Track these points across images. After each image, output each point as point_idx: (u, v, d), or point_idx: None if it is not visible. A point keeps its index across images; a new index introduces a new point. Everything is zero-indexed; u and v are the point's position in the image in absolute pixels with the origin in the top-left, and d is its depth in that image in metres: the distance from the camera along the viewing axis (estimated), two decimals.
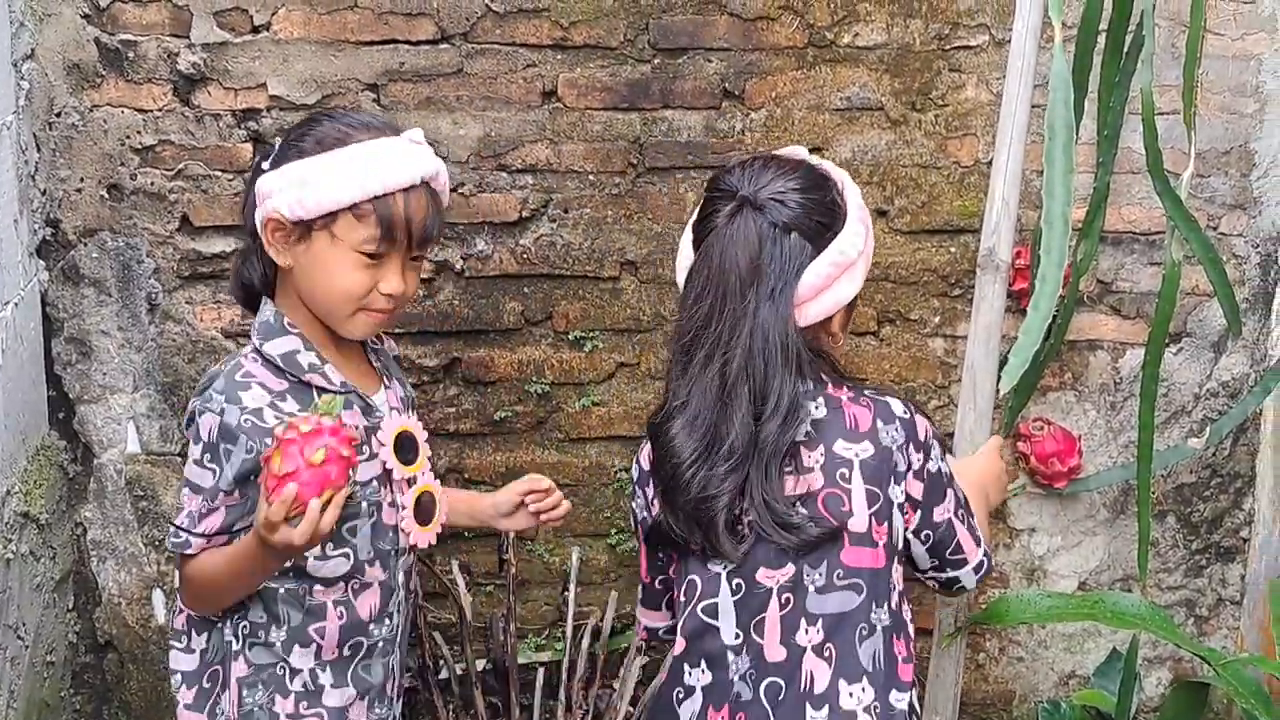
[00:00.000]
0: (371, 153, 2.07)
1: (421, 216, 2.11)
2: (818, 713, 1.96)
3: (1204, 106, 2.95)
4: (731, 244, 1.99)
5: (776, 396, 1.95)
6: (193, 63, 2.85)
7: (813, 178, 2.06)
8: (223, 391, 2.06)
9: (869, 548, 1.99)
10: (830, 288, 2.02)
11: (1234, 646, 3.24)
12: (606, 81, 2.91)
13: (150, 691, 3.14)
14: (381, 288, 2.11)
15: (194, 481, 2.08)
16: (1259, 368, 3.08)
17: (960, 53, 2.93)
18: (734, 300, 1.98)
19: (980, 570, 2.16)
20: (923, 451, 2.04)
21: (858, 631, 1.98)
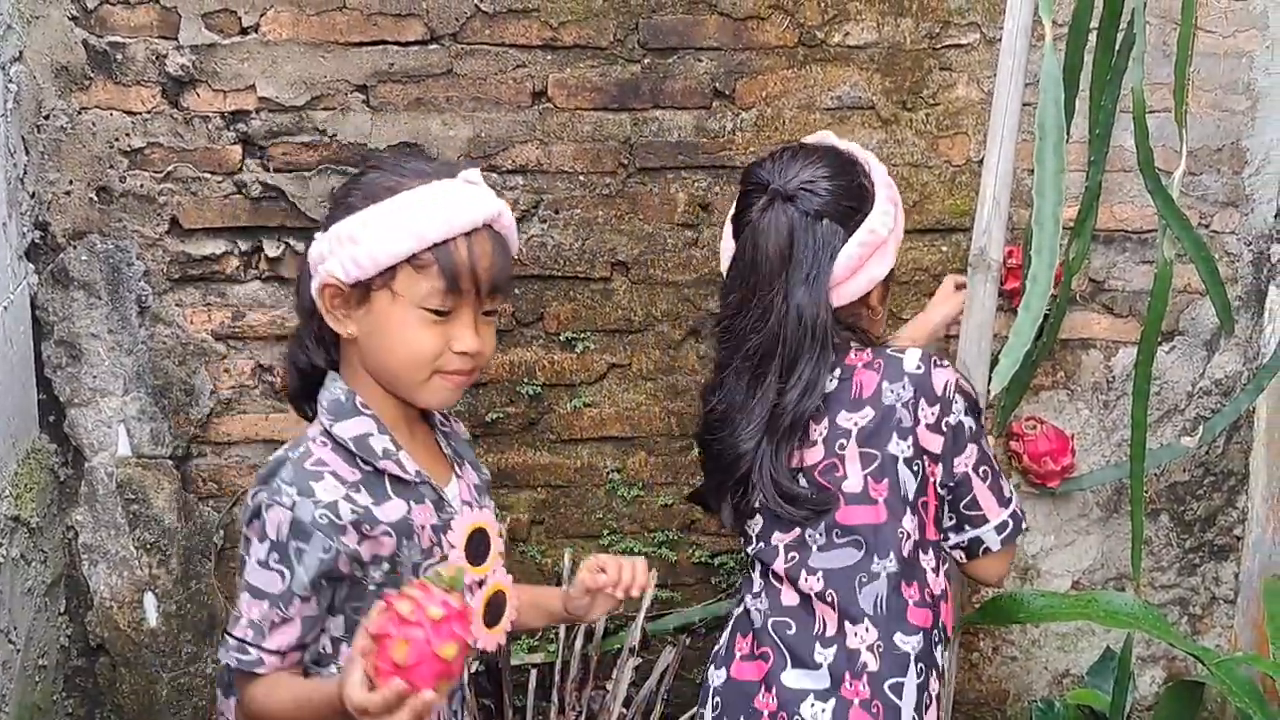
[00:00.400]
0: (425, 198, 1.84)
1: (487, 262, 1.86)
2: (826, 650, 2.10)
3: (1195, 104, 2.94)
4: (764, 235, 2.11)
5: (800, 372, 2.08)
6: (181, 65, 2.84)
7: (839, 163, 2.15)
8: (293, 483, 1.81)
9: (867, 505, 2.10)
10: (864, 267, 2.12)
11: (1228, 645, 3.24)
12: (596, 82, 2.90)
13: (142, 695, 3.13)
14: (454, 346, 1.87)
15: (258, 586, 1.79)
16: (1252, 366, 3.08)
17: (951, 51, 2.92)
18: (765, 287, 2.11)
19: (1004, 531, 2.15)
20: (939, 405, 2.08)
21: (857, 579, 2.10)
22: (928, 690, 2.13)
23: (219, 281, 2.96)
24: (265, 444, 3.04)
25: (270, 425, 3.03)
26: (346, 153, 2.89)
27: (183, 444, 3.02)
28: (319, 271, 1.87)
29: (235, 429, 3.03)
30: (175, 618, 3.11)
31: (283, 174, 2.90)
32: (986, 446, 2.14)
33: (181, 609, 3.10)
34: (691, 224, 2.97)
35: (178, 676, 3.13)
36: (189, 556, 3.08)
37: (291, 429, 2.98)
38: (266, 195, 2.91)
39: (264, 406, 3.02)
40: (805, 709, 2.09)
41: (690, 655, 3.14)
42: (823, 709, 2.08)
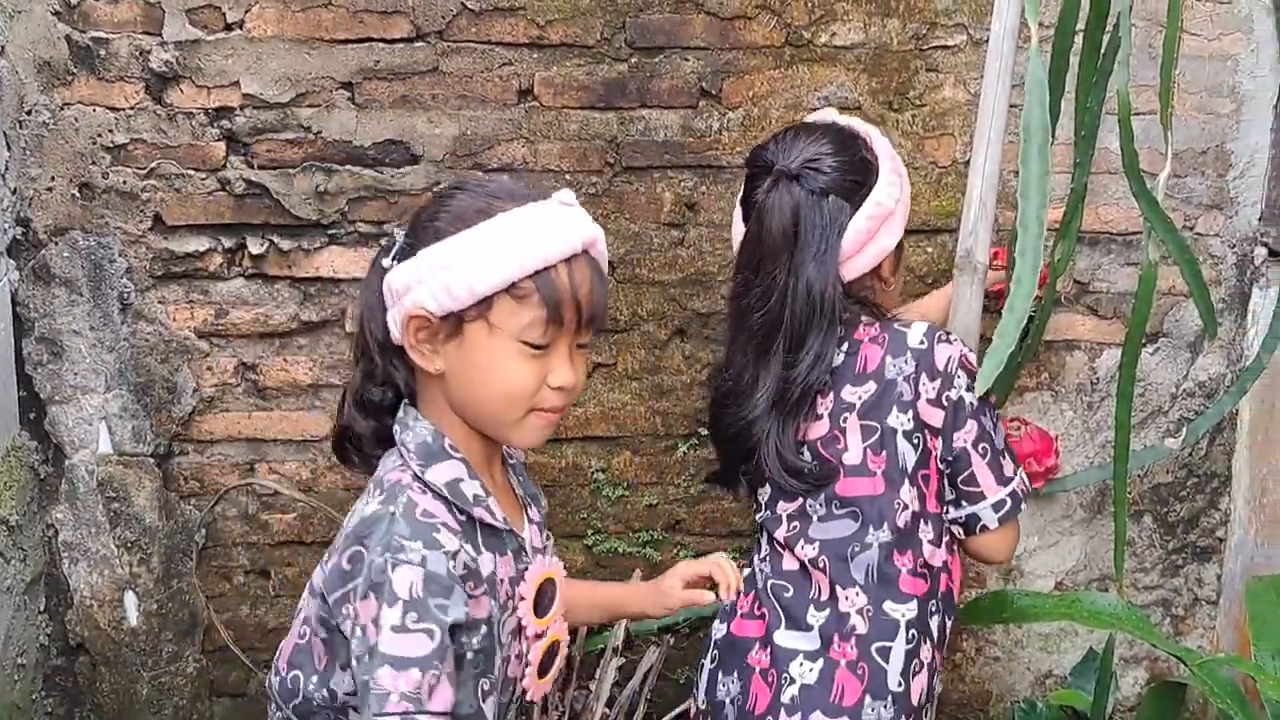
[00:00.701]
0: (523, 222, 1.69)
1: (588, 289, 1.73)
2: (819, 613, 2.17)
3: (1181, 107, 2.95)
4: (769, 215, 2.15)
5: (809, 346, 2.14)
6: (165, 61, 2.82)
7: (842, 139, 2.19)
8: (414, 536, 1.64)
9: (865, 477, 2.15)
10: (873, 240, 2.17)
11: (1210, 646, 3.25)
12: (583, 80, 2.90)
13: (122, 694, 3.11)
14: (551, 380, 1.74)
15: (399, 655, 1.59)
16: (1235, 368, 3.09)
17: (938, 52, 2.92)
18: (769, 264, 2.16)
19: (1002, 509, 2.17)
20: (941, 379, 2.12)
21: (850, 549, 2.16)
22: (918, 657, 2.17)
23: (202, 279, 2.94)
24: (248, 442, 3.02)
25: (253, 424, 3.01)
26: (331, 150, 2.88)
27: (164, 442, 3.01)
28: (403, 302, 1.71)
29: (217, 427, 3.02)
30: (156, 617, 3.09)
31: (267, 171, 2.89)
32: (988, 424, 2.16)
33: (162, 608, 3.09)
34: (678, 224, 2.97)
35: (158, 675, 3.12)
36: (170, 555, 3.06)
37: (274, 428, 2.99)
38: (250, 192, 2.89)
39: (246, 405, 3.01)
40: (794, 667, 2.16)
41: (674, 655, 3.14)
42: (811, 668, 2.15)
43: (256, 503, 3.07)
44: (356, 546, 1.66)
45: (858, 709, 2.12)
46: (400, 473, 1.74)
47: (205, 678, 3.16)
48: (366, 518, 1.68)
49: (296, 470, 3.05)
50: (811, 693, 2.14)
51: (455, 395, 1.76)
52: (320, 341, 2.99)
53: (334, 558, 1.69)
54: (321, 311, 2.96)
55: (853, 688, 2.13)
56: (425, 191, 2.90)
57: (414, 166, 2.90)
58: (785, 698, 2.15)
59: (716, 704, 2.26)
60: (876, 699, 2.13)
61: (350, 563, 1.65)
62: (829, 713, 2.12)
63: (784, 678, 2.15)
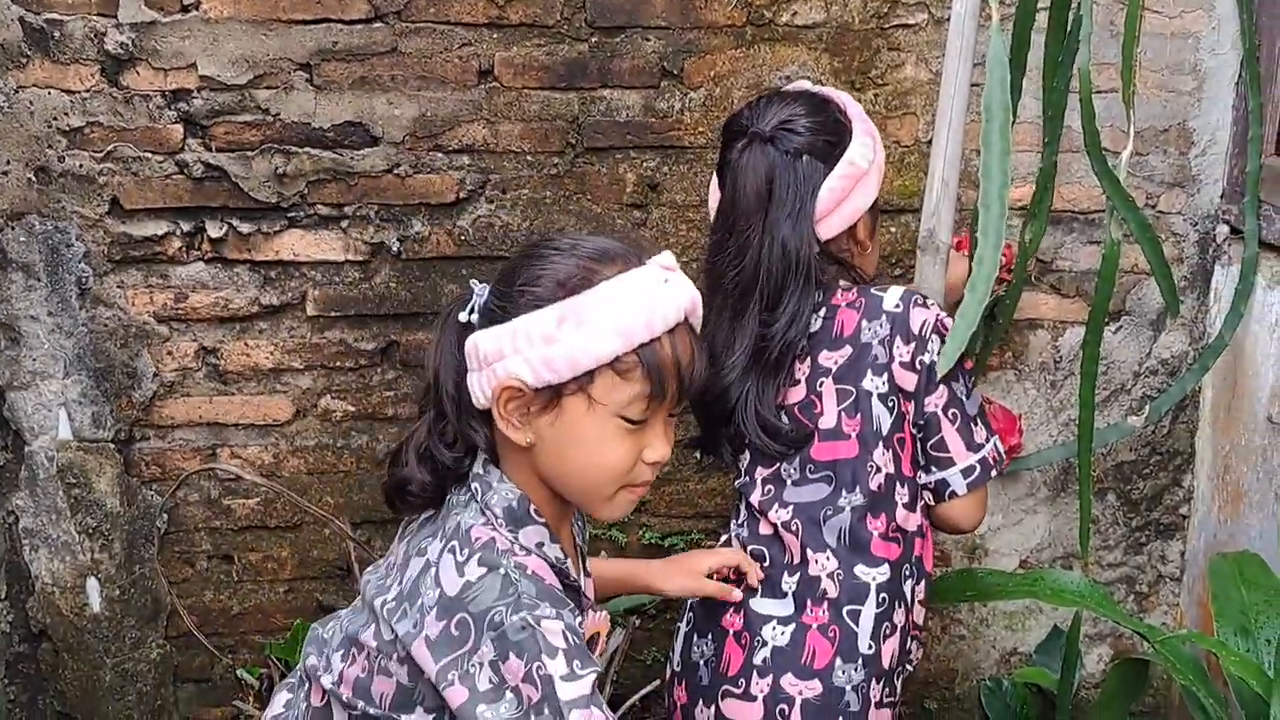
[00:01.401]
0: (629, 292, 1.61)
1: (689, 360, 1.66)
2: (791, 578, 2.21)
3: (1142, 85, 2.95)
4: (742, 175, 2.17)
5: (786, 305, 2.16)
6: (121, 43, 2.79)
7: (814, 102, 2.21)
8: (541, 597, 1.58)
9: (840, 440, 2.18)
10: (847, 199, 2.18)
11: (1173, 623, 3.26)
12: (543, 60, 2.88)
13: (85, 680, 3.09)
14: (647, 456, 1.69)
15: (582, 696, 1.54)
16: (1198, 346, 3.09)
17: (899, 31, 2.91)
18: (742, 224, 2.17)
19: (971, 475, 2.19)
20: (915, 343, 2.14)
21: (823, 513, 2.19)
22: (889, 620, 2.19)
23: (161, 263, 2.92)
24: (209, 427, 3.00)
25: (214, 408, 2.99)
26: (289, 132, 2.86)
27: (125, 427, 2.98)
28: (494, 369, 1.62)
29: (178, 412, 3.00)
30: (118, 603, 3.07)
31: (225, 154, 2.86)
32: (960, 390, 2.17)
33: (125, 594, 3.07)
34: (640, 204, 2.96)
35: (121, 662, 3.10)
36: (132, 541, 3.04)
37: (236, 413, 2.97)
38: (209, 175, 2.87)
39: (207, 389, 2.98)
40: (766, 630, 2.19)
41: (640, 636, 3.13)
42: (783, 630, 2.19)
43: (219, 488, 3.05)
44: (463, 614, 1.57)
45: (828, 671, 2.16)
46: (488, 531, 1.66)
47: (169, 663, 3.14)
48: (472, 582, 1.59)
49: (258, 455, 3.03)
50: (783, 655, 2.17)
51: (545, 466, 1.69)
52: (281, 325, 2.97)
53: (428, 621, 1.60)
54: (282, 295, 2.94)
55: (823, 650, 2.16)
56: (385, 173, 2.88)
57: (373, 148, 2.88)
58: (757, 660, 2.19)
59: (690, 665, 2.29)
60: (847, 661, 2.16)
61: (460, 629, 1.57)
62: (800, 674, 2.16)
63: (756, 640, 2.19)
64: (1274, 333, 2.83)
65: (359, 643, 1.71)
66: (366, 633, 1.70)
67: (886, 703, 2.21)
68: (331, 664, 1.77)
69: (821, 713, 2.15)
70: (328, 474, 3.05)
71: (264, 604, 3.12)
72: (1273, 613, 2.54)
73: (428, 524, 1.75)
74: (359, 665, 1.72)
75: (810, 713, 2.15)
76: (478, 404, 1.66)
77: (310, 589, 3.12)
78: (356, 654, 1.72)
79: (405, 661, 1.64)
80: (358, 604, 1.78)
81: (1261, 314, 2.87)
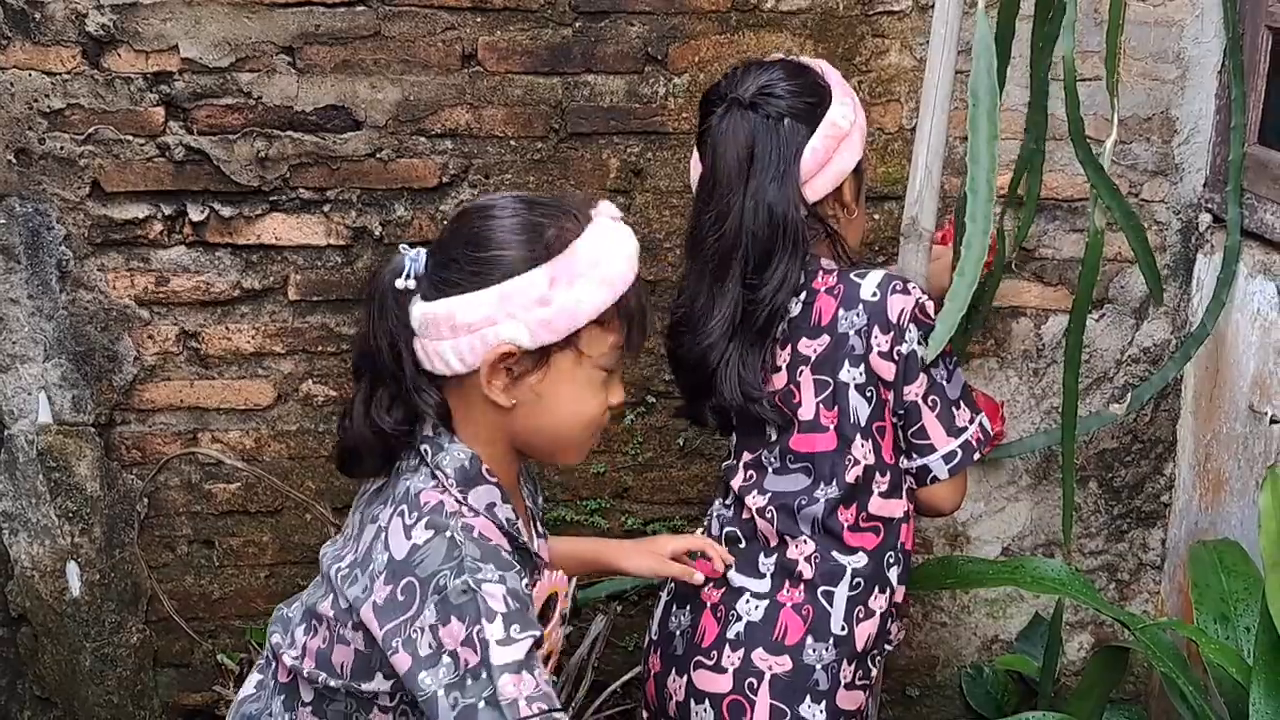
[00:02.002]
0: (605, 243, 1.69)
1: (647, 306, 1.76)
2: (768, 560, 2.23)
3: (1126, 73, 2.95)
4: (723, 141, 2.16)
5: (774, 268, 2.14)
6: (102, 24, 2.78)
7: (792, 67, 2.22)
8: (486, 559, 1.61)
9: (819, 433, 2.19)
10: (831, 160, 2.17)
11: (1155, 610, 3.27)
12: (527, 45, 2.87)
13: (65, 664, 3.08)
14: (612, 400, 1.77)
15: (515, 660, 1.55)
16: (1180, 334, 3.10)
17: (884, 18, 2.91)
18: (723, 190, 2.16)
19: (952, 461, 2.20)
20: (893, 332, 2.13)
21: (797, 502, 2.20)
22: (864, 604, 2.21)
23: (142, 246, 2.91)
24: (190, 411, 2.99)
25: (195, 392, 2.98)
26: (272, 116, 2.84)
27: (105, 411, 2.97)
28: (483, 337, 1.65)
29: (159, 396, 2.99)
30: (98, 587, 3.06)
31: (206, 137, 2.85)
32: (940, 375, 2.17)
33: (105, 578, 3.06)
34: (624, 189, 2.95)
35: (101, 646, 3.09)
36: (112, 525, 3.03)
37: (217, 397, 2.96)
38: (190, 158, 2.85)
39: (188, 374, 2.97)
40: (741, 605, 2.22)
41: (621, 623, 3.13)
42: (757, 605, 2.21)
43: (199, 472, 3.04)
44: (409, 577, 1.60)
45: (799, 648, 2.18)
46: (437, 494, 1.69)
47: (149, 648, 3.13)
48: (419, 545, 1.62)
49: (239, 439, 3.02)
50: (755, 629, 2.20)
51: (520, 424, 1.73)
52: (263, 309, 2.96)
53: (376, 586, 1.62)
54: (264, 279, 2.93)
55: (795, 627, 2.18)
56: (368, 157, 2.87)
57: (356, 132, 2.87)
58: (730, 633, 2.21)
59: (667, 634, 2.32)
60: (818, 640, 2.18)
61: (405, 593, 1.60)
62: (770, 649, 2.18)
63: (731, 614, 2.22)
64: (1255, 321, 2.84)
65: (318, 614, 1.74)
66: (325, 603, 1.72)
67: (859, 684, 2.22)
68: (295, 639, 1.79)
69: (789, 689, 2.17)
70: (309, 459, 3.05)
71: (245, 589, 3.12)
72: (1252, 600, 2.54)
73: (379, 492, 1.78)
74: (319, 637, 1.74)
75: (778, 688, 2.17)
76: (444, 370, 1.69)
77: (291, 574, 3.11)
78: (317, 625, 1.75)
79: (359, 628, 1.66)
80: (318, 579, 1.80)
81: (1243, 303, 2.88)
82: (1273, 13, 2.84)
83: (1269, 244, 2.82)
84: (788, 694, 2.17)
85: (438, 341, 1.67)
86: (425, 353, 1.69)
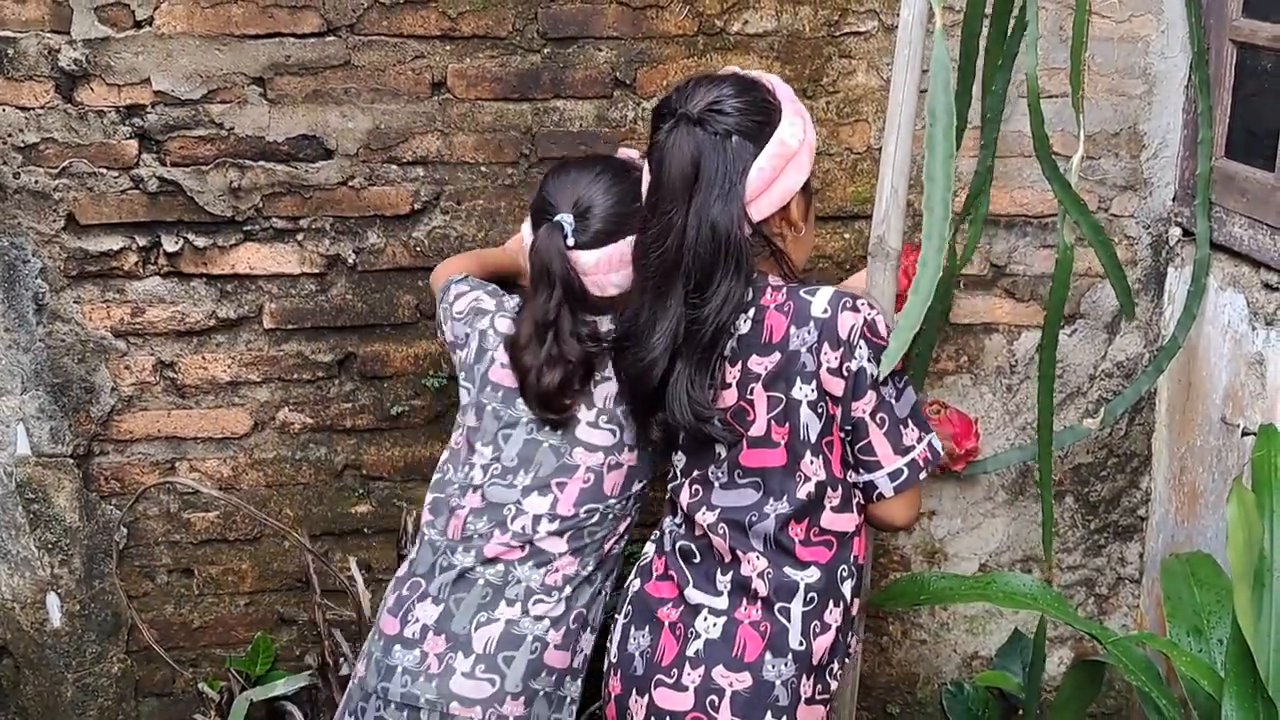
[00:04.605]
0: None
1: None
2: (724, 577, 2.24)
3: (1093, 89, 2.96)
4: (668, 155, 2.14)
5: (716, 286, 2.13)
6: (74, 59, 2.79)
7: (743, 83, 2.20)
8: None
9: (769, 448, 2.19)
10: (778, 179, 2.16)
11: (1134, 624, 3.28)
12: (496, 72, 2.88)
13: (47, 695, 3.09)
14: None
15: None
16: (1153, 348, 3.11)
17: (850, 39, 2.93)
18: (666, 205, 2.14)
19: (899, 479, 2.21)
20: (843, 349, 2.14)
21: (748, 518, 2.21)
22: (820, 619, 2.21)
23: (117, 278, 2.92)
24: (167, 440, 3.00)
25: (173, 421, 2.99)
26: (244, 146, 2.86)
27: (83, 442, 2.98)
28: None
29: (137, 426, 3.00)
30: (79, 618, 3.07)
31: (179, 168, 2.86)
32: (890, 393, 2.18)
33: (85, 609, 3.06)
34: None
35: (83, 677, 3.10)
36: (92, 556, 3.04)
37: (194, 426, 2.97)
38: (164, 190, 2.87)
39: (165, 403, 2.98)
40: (699, 622, 2.23)
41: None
42: (715, 623, 2.22)
43: (178, 501, 3.05)
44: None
45: (758, 664, 2.18)
46: None
47: (130, 678, 3.14)
48: None
49: (217, 468, 3.03)
50: (714, 647, 2.20)
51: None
52: (238, 338, 2.97)
53: None
54: (239, 308, 2.95)
55: (754, 644, 2.19)
56: (340, 186, 2.89)
57: (327, 161, 2.89)
58: (690, 651, 2.22)
59: (626, 656, 2.31)
60: (777, 656, 2.18)
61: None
62: (730, 666, 2.19)
63: (690, 632, 2.22)
64: (1226, 334, 2.85)
65: None
66: None
67: (819, 699, 2.23)
68: None
69: (750, 705, 2.17)
70: (286, 486, 3.06)
71: (224, 617, 3.12)
72: (1224, 612, 2.56)
73: None
74: None
75: (739, 704, 2.17)
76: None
77: (270, 601, 3.12)
78: None
79: None
80: None
81: (1214, 315, 2.90)
82: (1237, 27, 2.86)
83: (1238, 256, 2.84)
84: (749, 710, 2.17)
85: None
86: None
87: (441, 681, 2.29)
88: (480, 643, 2.32)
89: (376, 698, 2.34)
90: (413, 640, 2.34)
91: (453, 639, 2.32)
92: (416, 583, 2.41)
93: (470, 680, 2.29)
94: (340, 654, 2.93)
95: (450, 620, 2.34)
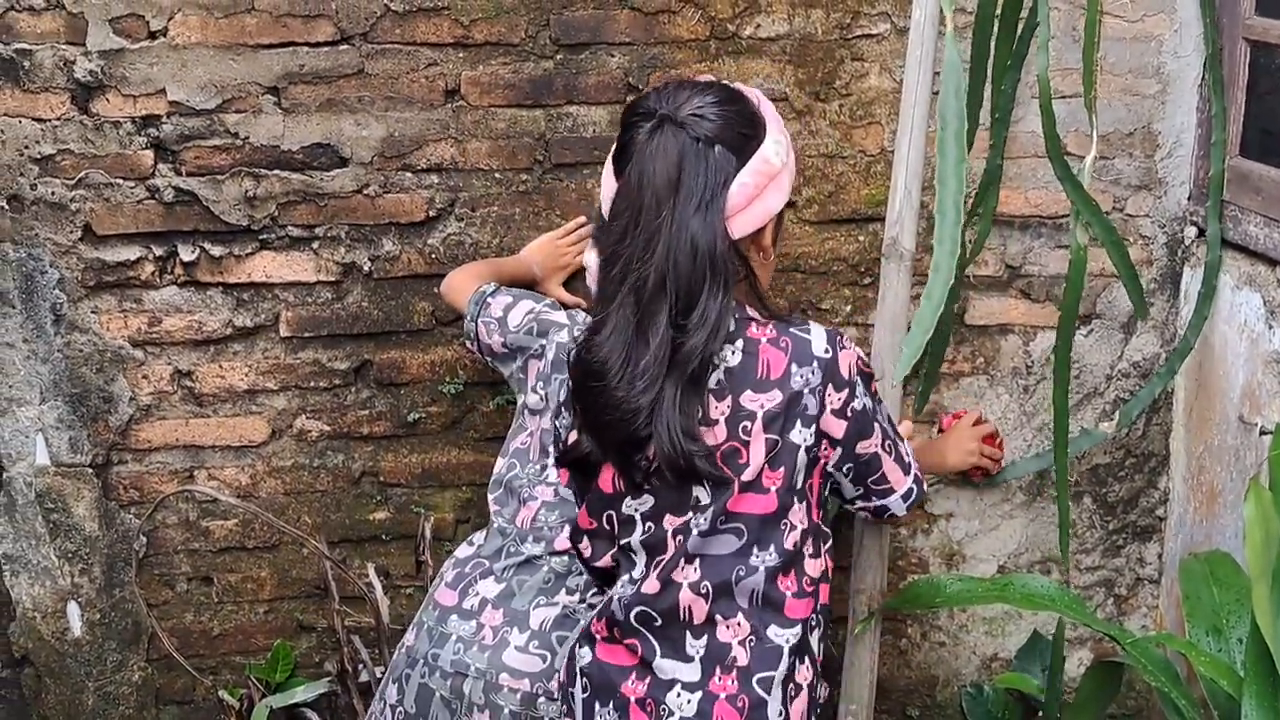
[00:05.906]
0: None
1: None
2: (697, 641, 2.08)
3: (1106, 89, 2.96)
4: (651, 159, 1.97)
5: (703, 309, 1.94)
6: (90, 70, 2.81)
7: (728, 92, 2.06)
8: None
9: (758, 494, 2.04)
10: (759, 197, 2.02)
11: (1154, 625, 3.27)
12: (509, 78, 2.89)
13: (68, 704, 3.10)
14: None
15: None
16: (1169, 347, 3.10)
17: (862, 41, 2.93)
18: (649, 215, 1.96)
19: (910, 498, 2.23)
20: (846, 389, 2.05)
21: (735, 572, 2.06)
22: (793, 681, 2.11)
23: (134, 287, 2.93)
24: (185, 449, 3.02)
25: (191, 430, 3.01)
26: (259, 155, 2.87)
27: (102, 451, 3.00)
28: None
29: (155, 435, 3.01)
30: (99, 626, 3.08)
31: (195, 178, 2.87)
32: (883, 419, 2.16)
33: (105, 618, 3.08)
34: None
35: (104, 685, 3.11)
36: (111, 564, 3.05)
37: (212, 435, 2.98)
38: (180, 199, 2.88)
39: (183, 412, 3.00)
40: (671, 699, 2.08)
41: None
42: (689, 699, 2.07)
43: (197, 509, 3.06)
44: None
45: None
46: None
47: (151, 686, 3.15)
48: None
49: (235, 476, 3.04)
50: None
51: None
52: (255, 347, 2.98)
53: None
54: (255, 317, 2.96)
55: None
56: (355, 194, 2.90)
57: (342, 169, 2.90)
58: None
59: None
60: None
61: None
62: None
63: (662, 708, 2.08)
64: (1243, 333, 2.84)
65: None
66: None
67: None
68: None
69: None
70: (304, 494, 3.07)
71: (244, 625, 3.13)
72: (1244, 612, 2.55)
73: None
74: None
75: None
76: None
77: (290, 608, 3.13)
78: None
79: None
80: None
81: (1230, 314, 2.89)
82: (1250, 25, 2.85)
83: (1255, 255, 2.84)
84: None
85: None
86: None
87: (494, 653, 2.33)
88: (537, 620, 2.36)
89: (424, 664, 2.39)
90: (470, 611, 2.39)
91: (510, 614, 2.37)
92: (480, 562, 2.47)
93: (523, 654, 2.32)
94: (359, 660, 2.94)
95: (510, 599, 2.39)
